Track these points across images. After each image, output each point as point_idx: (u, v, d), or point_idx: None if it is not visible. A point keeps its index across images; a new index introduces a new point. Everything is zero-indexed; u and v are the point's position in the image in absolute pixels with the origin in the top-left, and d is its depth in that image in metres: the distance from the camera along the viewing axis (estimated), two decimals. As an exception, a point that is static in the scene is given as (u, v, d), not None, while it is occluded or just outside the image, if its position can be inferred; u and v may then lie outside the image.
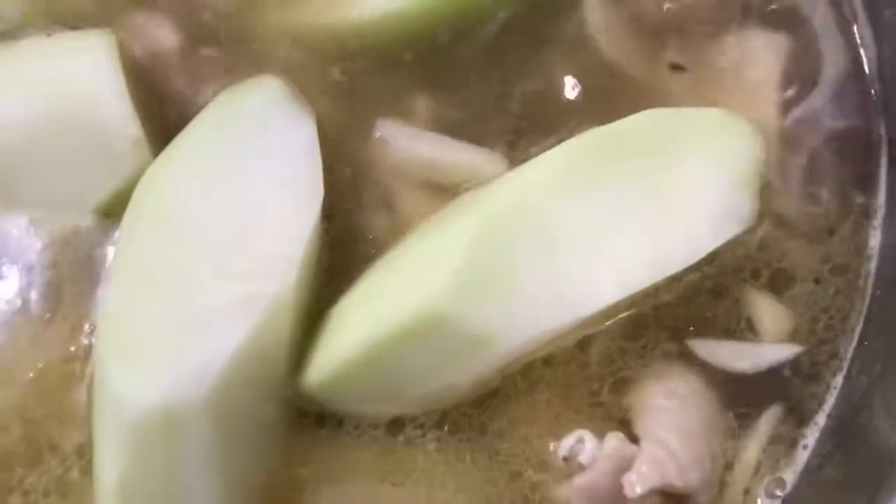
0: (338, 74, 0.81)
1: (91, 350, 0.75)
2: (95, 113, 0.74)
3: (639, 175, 0.72)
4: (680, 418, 0.74)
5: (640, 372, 0.76)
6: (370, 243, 0.77)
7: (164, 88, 0.79)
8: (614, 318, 0.75)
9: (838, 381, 0.78)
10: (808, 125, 0.81)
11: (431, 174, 0.79)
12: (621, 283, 0.71)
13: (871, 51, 0.83)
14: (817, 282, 0.79)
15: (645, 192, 0.72)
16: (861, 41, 0.84)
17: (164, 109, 0.78)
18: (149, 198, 0.72)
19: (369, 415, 0.74)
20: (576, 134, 0.75)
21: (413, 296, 0.69)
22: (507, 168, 0.78)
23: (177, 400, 0.66)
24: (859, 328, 0.79)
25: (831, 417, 0.77)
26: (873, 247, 0.81)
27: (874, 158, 0.82)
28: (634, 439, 0.73)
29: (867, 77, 0.83)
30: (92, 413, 0.71)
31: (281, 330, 0.70)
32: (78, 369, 0.75)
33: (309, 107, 0.76)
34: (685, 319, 0.77)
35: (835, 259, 0.80)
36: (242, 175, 0.73)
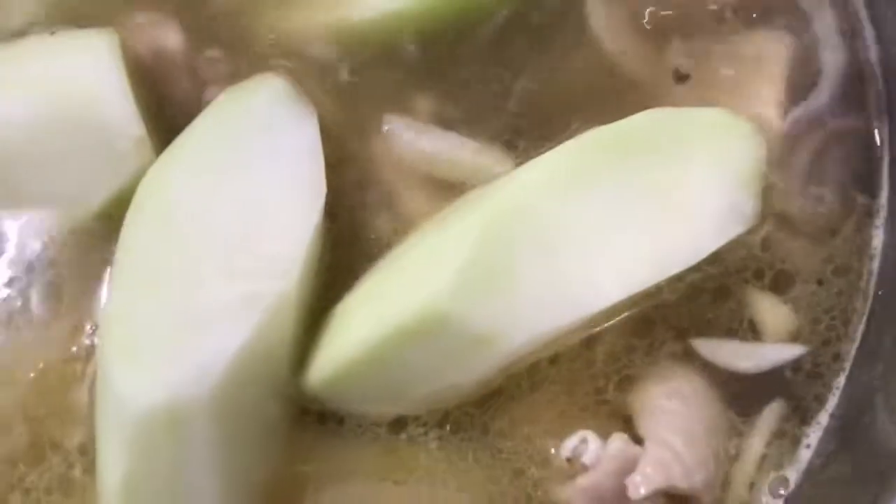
0: (339, 74, 0.81)
1: (93, 349, 0.75)
2: (98, 112, 0.74)
3: (641, 175, 0.72)
4: (684, 419, 0.73)
5: (643, 372, 0.76)
6: (373, 242, 0.77)
7: (167, 87, 0.79)
8: (616, 318, 0.75)
9: (841, 381, 0.78)
10: (810, 125, 0.81)
11: (435, 171, 0.79)
12: (624, 283, 0.71)
13: (873, 51, 0.84)
14: (820, 283, 0.80)
15: (647, 192, 0.72)
16: (863, 41, 0.84)
17: (167, 109, 0.78)
18: (151, 197, 0.72)
19: (372, 414, 0.74)
20: (577, 133, 0.75)
21: (415, 295, 0.69)
22: (511, 167, 0.78)
23: (180, 398, 0.66)
24: (862, 328, 0.79)
25: (834, 417, 0.77)
26: (876, 247, 0.81)
27: (876, 158, 0.82)
28: (638, 440, 0.73)
29: (869, 77, 0.83)
30: (94, 412, 0.71)
31: (284, 329, 0.70)
32: (79, 368, 0.75)
33: (311, 106, 0.76)
34: (687, 320, 0.77)
35: (837, 259, 0.80)
36: (245, 174, 0.73)
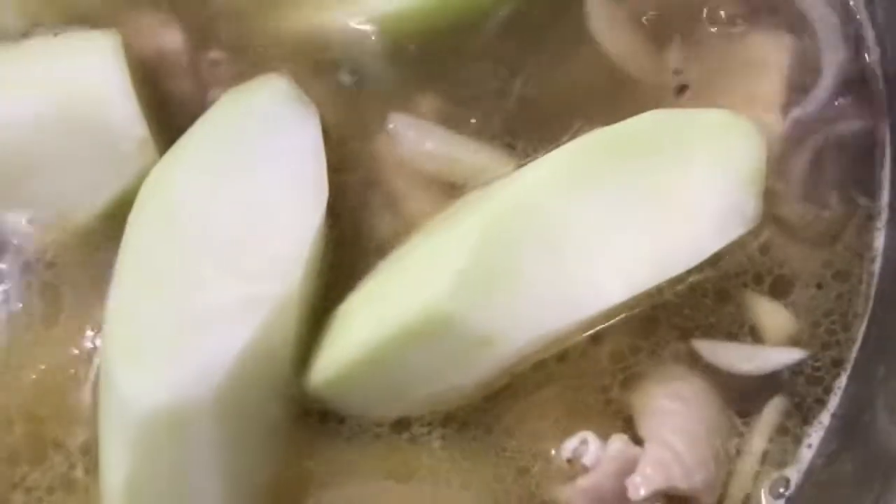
0: (341, 75, 0.81)
1: (95, 350, 0.75)
2: (101, 113, 0.74)
3: (642, 175, 0.72)
4: (684, 420, 0.73)
5: (643, 374, 0.76)
6: (375, 243, 0.77)
7: (170, 88, 0.79)
8: (616, 319, 0.75)
9: (842, 382, 0.78)
10: (811, 127, 0.81)
11: (437, 171, 0.79)
12: (626, 284, 0.71)
13: (875, 52, 0.83)
14: (820, 286, 0.79)
15: (649, 193, 0.72)
16: (864, 42, 0.84)
17: (170, 109, 0.78)
18: (154, 198, 0.72)
19: (373, 416, 0.74)
20: (578, 134, 0.76)
21: (417, 296, 0.69)
22: (512, 167, 0.78)
23: (183, 399, 0.66)
24: (863, 330, 0.79)
25: (836, 417, 0.77)
26: (877, 249, 0.81)
27: (877, 160, 0.82)
28: (638, 441, 0.73)
29: (870, 78, 0.83)
30: (96, 413, 0.71)
31: (286, 329, 0.70)
32: (82, 369, 0.75)
33: (313, 107, 0.77)
34: (689, 322, 0.77)
35: (838, 261, 0.80)
36: (248, 175, 0.73)
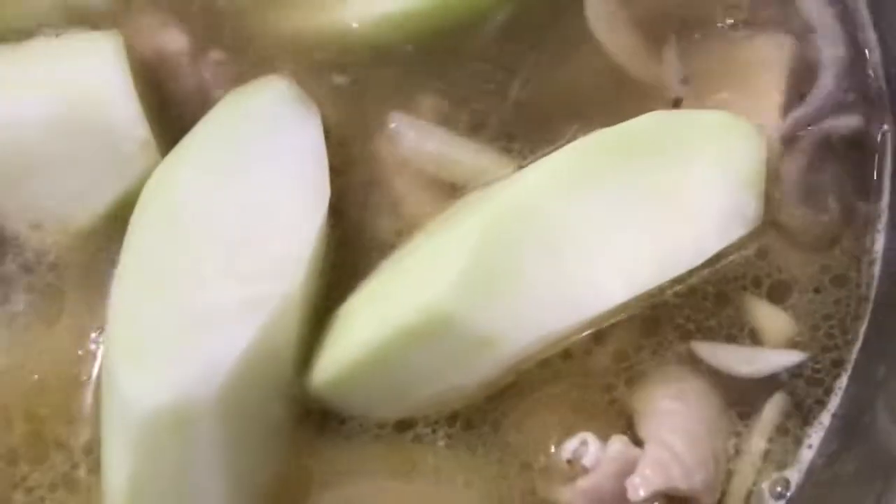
0: (342, 75, 0.81)
1: (97, 351, 0.75)
2: (103, 114, 0.74)
3: (643, 176, 0.72)
4: (684, 420, 0.73)
5: (643, 375, 0.76)
6: (376, 243, 0.77)
7: (172, 89, 0.79)
8: (617, 319, 0.75)
9: (843, 383, 0.78)
10: (811, 128, 0.80)
11: (438, 171, 0.79)
12: (627, 284, 0.71)
13: (875, 53, 0.84)
14: (818, 289, 0.79)
15: (650, 194, 0.72)
16: (865, 44, 0.84)
17: (172, 110, 0.78)
18: (156, 198, 0.72)
19: (375, 416, 0.74)
20: (579, 135, 0.76)
21: (419, 296, 0.69)
22: (512, 168, 0.78)
23: (185, 399, 0.66)
24: (863, 331, 0.79)
25: (836, 417, 0.77)
26: (877, 251, 0.81)
27: (877, 162, 0.82)
28: (638, 442, 0.73)
29: (871, 80, 0.83)
30: (98, 413, 0.72)
31: (288, 329, 0.70)
32: (85, 369, 0.75)
33: (315, 107, 0.77)
34: (689, 323, 0.77)
35: (838, 263, 0.80)
36: (249, 175, 0.73)
